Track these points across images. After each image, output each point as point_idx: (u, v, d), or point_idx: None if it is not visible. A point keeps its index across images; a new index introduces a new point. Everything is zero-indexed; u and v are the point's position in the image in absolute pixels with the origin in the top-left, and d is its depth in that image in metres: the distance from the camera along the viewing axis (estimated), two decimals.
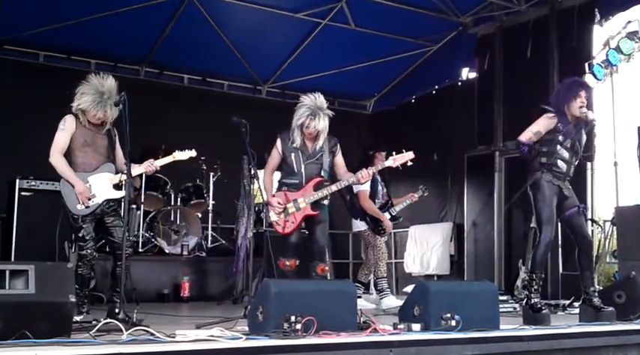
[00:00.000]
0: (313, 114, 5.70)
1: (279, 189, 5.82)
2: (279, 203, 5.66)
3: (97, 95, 5.17)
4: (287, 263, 5.63)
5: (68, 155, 5.34)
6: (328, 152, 5.84)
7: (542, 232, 5.63)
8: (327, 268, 5.85)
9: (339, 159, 5.93)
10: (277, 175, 6.01)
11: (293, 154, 5.76)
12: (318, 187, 5.75)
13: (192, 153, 5.84)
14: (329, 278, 6.42)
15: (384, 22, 9.99)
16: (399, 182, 10.07)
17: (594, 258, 7.74)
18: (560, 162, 5.67)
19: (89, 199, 5.26)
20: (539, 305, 5.53)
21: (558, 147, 5.66)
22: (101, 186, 5.30)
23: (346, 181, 5.83)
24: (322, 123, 5.73)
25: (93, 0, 8.67)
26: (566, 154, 5.69)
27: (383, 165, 6.01)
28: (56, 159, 5.30)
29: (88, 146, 5.30)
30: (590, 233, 5.74)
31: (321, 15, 9.90)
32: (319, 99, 5.80)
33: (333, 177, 5.95)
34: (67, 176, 5.28)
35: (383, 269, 7.36)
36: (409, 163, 6.05)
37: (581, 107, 5.65)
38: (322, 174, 5.82)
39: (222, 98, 10.84)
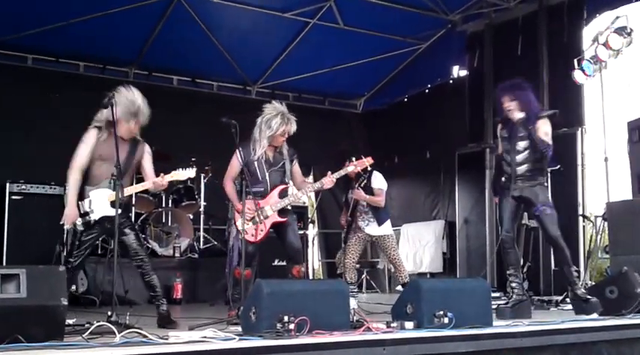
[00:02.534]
0: (288, 119, 5.85)
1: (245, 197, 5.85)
2: (248, 209, 5.72)
3: (130, 106, 5.18)
4: (241, 271, 5.61)
5: (88, 166, 5.30)
6: (289, 160, 5.99)
7: None
8: (302, 269, 5.99)
9: (297, 167, 6.10)
10: None
11: (256, 163, 5.89)
12: (283, 195, 5.90)
13: (192, 173, 5.64)
14: (322, 277, 6.46)
15: (372, 20, 10.00)
16: (393, 182, 10.07)
17: (587, 253, 7.79)
18: (505, 166, 5.89)
19: (82, 216, 5.20)
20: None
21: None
22: (100, 202, 5.21)
23: (311, 187, 6.04)
24: (295, 125, 5.89)
25: (81, 2, 8.62)
26: (508, 157, 5.86)
27: (346, 171, 6.12)
28: (69, 173, 5.25)
29: (102, 160, 5.19)
30: (555, 230, 5.84)
31: (309, 14, 9.90)
32: (279, 104, 5.95)
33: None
34: (69, 194, 5.25)
35: None
36: (369, 168, 6.29)
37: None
38: (286, 180, 5.99)
39: (212, 99, 10.81)
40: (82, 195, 5.23)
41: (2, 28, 8.80)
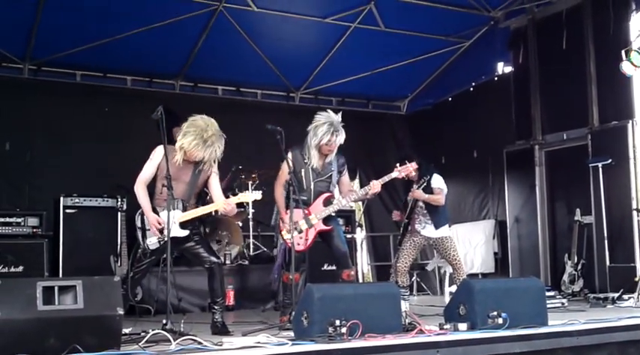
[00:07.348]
0: (335, 130, 5.82)
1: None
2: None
3: (199, 138, 5.25)
4: (290, 276, 5.59)
5: (154, 183, 5.42)
6: (337, 171, 5.99)
7: None
8: (352, 273, 5.96)
9: (346, 177, 6.10)
10: None
11: (303, 170, 5.90)
12: (327, 203, 5.89)
13: (258, 195, 5.63)
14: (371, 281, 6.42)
15: (413, 21, 9.94)
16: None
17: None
18: None
19: (160, 231, 5.28)
20: None
21: None
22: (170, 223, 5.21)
23: (356, 195, 6.04)
24: (342, 137, 5.88)
25: (125, 18, 8.78)
26: None
27: (390, 177, 6.07)
28: (137, 188, 5.39)
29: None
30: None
31: (350, 19, 9.89)
32: (333, 113, 5.93)
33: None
34: (142, 206, 5.37)
35: None
36: (413, 173, 6.39)
37: None
38: (331, 189, 5.98)
39: (257, 107, 10.89)
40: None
41: (50, 48, 9.01)
